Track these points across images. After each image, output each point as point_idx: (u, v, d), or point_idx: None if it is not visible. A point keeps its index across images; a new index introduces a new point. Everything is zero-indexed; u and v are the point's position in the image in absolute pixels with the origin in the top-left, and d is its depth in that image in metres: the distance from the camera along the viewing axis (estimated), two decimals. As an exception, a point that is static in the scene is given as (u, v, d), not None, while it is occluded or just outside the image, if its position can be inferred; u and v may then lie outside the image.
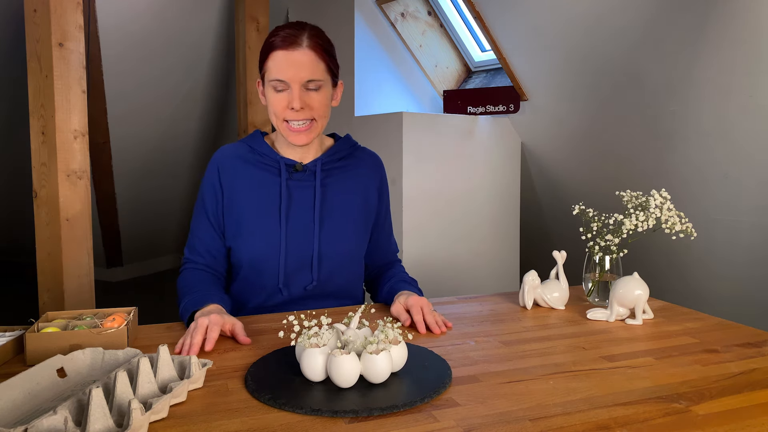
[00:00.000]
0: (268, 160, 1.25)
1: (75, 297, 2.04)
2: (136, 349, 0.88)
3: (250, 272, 1.24)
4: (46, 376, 0.80)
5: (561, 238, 2.99)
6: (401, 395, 0.78)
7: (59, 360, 0.83)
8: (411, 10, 3.08)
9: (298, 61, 1.14)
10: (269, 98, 1.19)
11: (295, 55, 1.14)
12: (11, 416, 0.73)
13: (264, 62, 1.18)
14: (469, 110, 3.00)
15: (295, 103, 1.15)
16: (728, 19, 1.77)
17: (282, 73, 1.14)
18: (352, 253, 1.29)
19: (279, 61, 1.14)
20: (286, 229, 1.22)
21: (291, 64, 1.14)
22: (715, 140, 2.02)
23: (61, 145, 1.98)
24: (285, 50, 1.14)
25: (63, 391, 0.80)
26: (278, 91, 1.16)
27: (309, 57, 1.15)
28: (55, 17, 1.94)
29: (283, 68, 1.14)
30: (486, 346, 1.01)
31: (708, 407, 0.78)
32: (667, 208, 1.19)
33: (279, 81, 1.15)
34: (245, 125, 2.86)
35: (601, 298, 1.26)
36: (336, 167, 1.29)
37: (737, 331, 1.10)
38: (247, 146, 1.28)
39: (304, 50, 1.14)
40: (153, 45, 3.44)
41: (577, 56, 2.32)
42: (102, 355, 0.87)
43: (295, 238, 1.22)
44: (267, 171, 1.25)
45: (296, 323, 0.87)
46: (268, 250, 1.21)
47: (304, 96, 1.16)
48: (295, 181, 1.24)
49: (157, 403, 0.71)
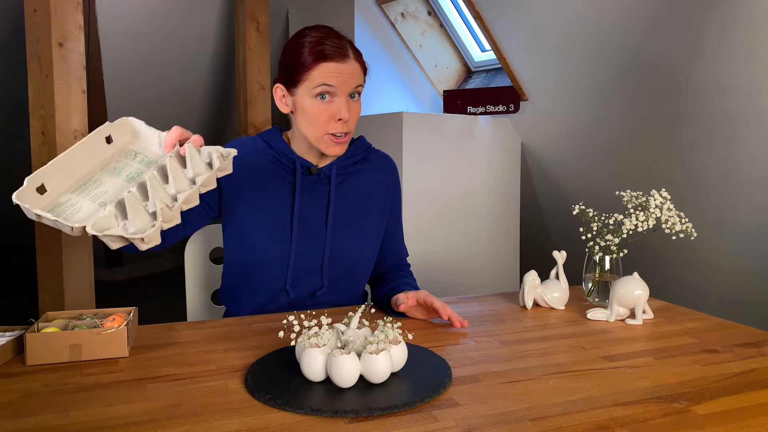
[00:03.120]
0: (284, 159, 1.24)
1: (75, 297, 2.04)
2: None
3: (254, 270, 1.23)
4: (95, 144, 0.96)
5: (561, 238, 2.99)
6: (401, 395, 0.78)
7: (107, 128, 0.98)
8: (411, 10, 3.08)
9: (349, 72, 1.15)
10: (311, 108, 1.16)
11: (347, 66, 1.15)
12: (70, 181, 0.91)
13: (307, 70, 1.14)
14: (469, 110, 3.00)
15: (343, 113, 1.15)
16: (728, 19, 1.77)
17: (334, 80, 1.14)
18: (362, 260, 1.28)
19: (331, 71, 1.14)
20: (297, 231, 1.21)
21: (341, 74, 1.14)
22: (715, 140, 2.02)
23: (61, 145, 1.98)
24: (337, 62, 1.14)
25: (110, 158, 0.97)
26: (321, 100, 1.15)
27: (356, 68, 1.17)
28: (55, 17, 1.94)
29: (334, 78, 1.14)
30: (486, 346, 1.01)
31: (708, 407, 0.78)
32: (667, 208, 1.19)
33: (328, 86, 1.14)
34: (245, 125, 2.86)
35: (601, 298, 1.26)
36: (351, 171, 1.28)
37: (737, 331, 1.10)
38: (265, 142, 1.26)
39: (352, 61, 1.16)
40: (153, 45, 3.44)
41: (577, 56, 2.31)
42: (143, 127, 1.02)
43: (305, 241, 1.22)
44: (282, 169, 1.23)
45: (296, 323, 0.88)
46: (278, 250, 1.21)
47: (349, 105, 1.17)
48: (309, 183, 1.24)
49: (184, 195, 0.91)
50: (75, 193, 0.91)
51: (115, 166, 0.97)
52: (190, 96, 3.91)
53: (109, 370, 0.88)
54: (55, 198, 0.89)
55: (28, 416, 0.74)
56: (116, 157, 0.98)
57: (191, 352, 0.96)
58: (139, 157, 1.00)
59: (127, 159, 0.99)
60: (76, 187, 0.92)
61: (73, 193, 0.91)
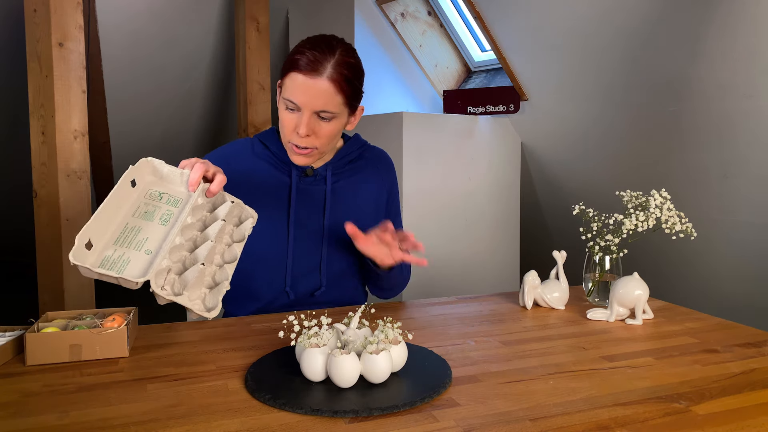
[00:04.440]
0: (280, 159, 1.24)
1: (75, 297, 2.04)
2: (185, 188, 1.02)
3: (253, 273, 1.23)
4: (124, 191, 0.96)
5: (561, 238, 2.99)
6: (401, 395, 0.78)
7: (131, 172, 0.98)
8: (411, 10, 3.08)
9: (315, 89, 1.08)
10: (280, 113, 1.15)
11: (315, 83, 1.08)
12: (109, 232, 0.91)
13: (283, 76, 1.12)
14: (469, 110, 3.00)
15: (301, 129, 1.10)
16: (728, 19, 1.77)
17: (296, 96, 1.09)
18: (361, 259, 1.28)
19: (297, 84, 1.08)
20: (294, 232, 1.21)
21: (306, 91, 1.08)
22: (715, 140, 2.02)
23: (61, 145, 1.98)
24: (305, 75, 1.07)
25: (136, 201, 0.97)
26: (289, 110, 1.12)
27: (327, 88, 1.08)
28: (55, 17, 1.95)
29: (298, 92, 1.09)
30: (486, 346, 1.01)
31: (708, 407, 0.78)
32: (667, 208, 1.19)
33: (291, 102, 1.10)
34: (245, 125, 2.86)
35: (601, 298, 1.26)
36: (346, 170, 1.27)
37: (737, 331, 1.10)
38: (261, 143, 1.25)
39: (324, 80, 1.08)
40: (153, 45, 3.44)
41: (577, 56, 2.31)
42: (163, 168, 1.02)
43: (303, 241, 1.22)
44: (278, 170, 1.23)
45: (296, 323, 0.88)
46: (275, 252, 1.21)
47: (313, 123, 1.11)
48: (304, 184, 1.24)
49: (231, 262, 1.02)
50: (117, 244, 0.91)
51: (146, 210, 0.98)
52: (190, 96, 3.91)
53: (109, 370, 0.88)
54: (101, 252, 0.89)
55: (28, 416, 0.74)
56: (142, 199, 0.99)
57: (191, 352, 0.96)
58: (165, 197, 1.01)
59: (153, 201, 1.00)
60: (115, 238, 0.92)
61: (116, 244, 0.91)
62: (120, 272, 0.87)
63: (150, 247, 0.93)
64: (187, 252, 0.98)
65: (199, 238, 1.00)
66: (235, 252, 1.03)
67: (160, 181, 1.03)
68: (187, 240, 0.98)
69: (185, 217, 0.97)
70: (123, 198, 0.96)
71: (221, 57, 3.88)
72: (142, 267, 0.90)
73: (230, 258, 1.03)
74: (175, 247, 0.94)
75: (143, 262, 0.90)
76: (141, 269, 0.89)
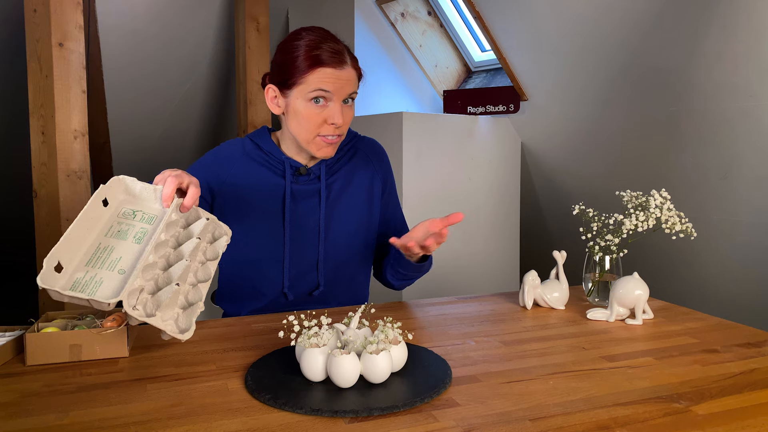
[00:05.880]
0: (273, 160, 1.23)
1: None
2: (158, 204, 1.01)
3: (251, 275, 1.23)
4: (96, 212, 0.95)
5: (561, 238, 2.99)
6: (401, 395, 0.78)
7: (102, 191, 0.97)
8: (411, 10, 3.08)
9: (345, 78, 1.14)
10: (304, 111, 1.15)
11: (343, 72, 1.14)
12: (80, 253, 0.90)
13: (303, 75, 1.13)
14: (469, 110, 3.00)
15: (337, 118, 1.14)
16: (728, 19, 1.77)
17: (328, 85, 1.13)
18: (358, 256, 1.28)
19: (326, 76, 1.12)
20: (290, 231, 1.21)
21: (337, 80, 1.13)
22: (715, 140, 2.02)
23: (61, 145, 1.98)
24: (333, 68, 1.13)
25: (109, 220, 0.96)
26: (315, 103, 1.14)
27: (351, 74, 1.16)
28: (55, 17, 1.95)
29: (328, 83, 1.13)
30: (486, 346, 1.01)
31: (708, 407, 0.78)
32: (667, 208, 1.19)
33: (324, 91, 1.13)
34: (245, 125, 2.86)
35: (601, 298, 1.26)
36: (339, 167, 1.27)
37: (737, 331, 1.10)
38: (253, 143, 1.25)
39: (349, 68, 1.15)
40: (153, 45, 3.44)
41: (577, 56, 2.31)
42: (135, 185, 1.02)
43: (299, 241, 1.22)
44: (271, 171, 1.23)
45: (296, 323, 0.88)
46: (272, 253, 1.21)
47: (343, 110, 1.16)
48: (299, 184, 1.24)
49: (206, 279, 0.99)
50: (89, 265, 0.90)
51: (119, 229, 0.96)
52: (190, 96, 3.90)
53: (109, 370, 0.88)
54: (71, 274, 0.87)
55: (28, 416, 0.74)
56: (115, 218, 0.97)
57: (191, 352, 0.96)
58: (139, 215, 0.99)
59: (126, 219, 0.98)
60: (87, 260, 0.90)
61: (87, 265, 0.89)
62: (92, 294, 0.85)
63: (123, 266, 0.91)
64: (161, 270, 0.95)
65: (173, 255, 0.98)
66: (209, 271, 1.00)
67: (133, 199, 1.01)
68: (160, 257, 0.96)
69: (159, 233, 0.95)
70: (94, 218, 0.94)
71: (221, 57, 3.88)
72: (116, 287, 0.87)
73: (204, 277, 1.00)
74: (148, 265, 0.92)
75: (117, 282, 0.88)
76: (114, 289, 0.87)
